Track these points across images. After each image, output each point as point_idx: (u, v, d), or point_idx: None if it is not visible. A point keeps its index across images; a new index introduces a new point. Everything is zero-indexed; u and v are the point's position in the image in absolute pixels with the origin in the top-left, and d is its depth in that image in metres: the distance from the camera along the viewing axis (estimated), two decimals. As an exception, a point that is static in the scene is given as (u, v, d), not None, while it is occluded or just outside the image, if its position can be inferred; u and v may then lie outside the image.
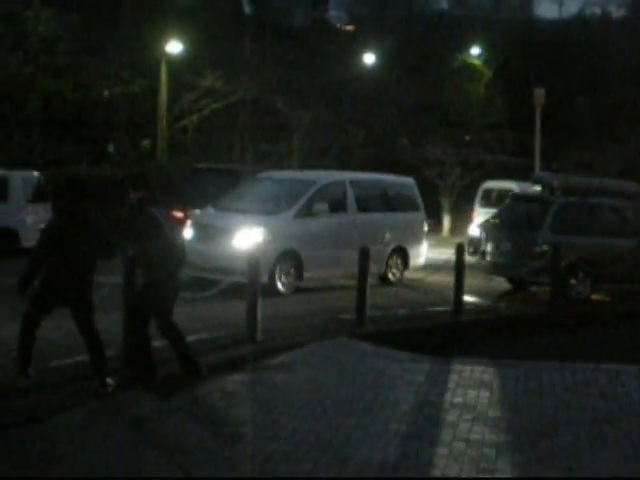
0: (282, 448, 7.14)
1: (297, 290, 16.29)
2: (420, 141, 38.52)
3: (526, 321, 15.44)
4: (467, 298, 15.69)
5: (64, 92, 31.70)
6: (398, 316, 14.53)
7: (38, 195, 21.29)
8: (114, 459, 6.83)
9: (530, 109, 34.39)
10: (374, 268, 16.71)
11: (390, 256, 18.23)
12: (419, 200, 19.53)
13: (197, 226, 16.64)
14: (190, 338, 11.16)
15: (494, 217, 19.54)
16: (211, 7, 45.05)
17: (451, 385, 9.62)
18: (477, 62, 42.80)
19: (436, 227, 31.90)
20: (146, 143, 36.44)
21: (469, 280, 15.84)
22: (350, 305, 13.80)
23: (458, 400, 8.99)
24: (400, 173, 22.18)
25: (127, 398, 8.57)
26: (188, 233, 16.16)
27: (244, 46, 38.50)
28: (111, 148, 36.23)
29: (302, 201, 16.59)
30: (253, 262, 11.47)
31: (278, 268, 15.66)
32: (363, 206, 17.94)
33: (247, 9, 70.64)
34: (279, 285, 15.72)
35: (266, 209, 16.57)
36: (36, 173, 22.62)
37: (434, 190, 35.69)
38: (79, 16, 32.53)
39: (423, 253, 19.42)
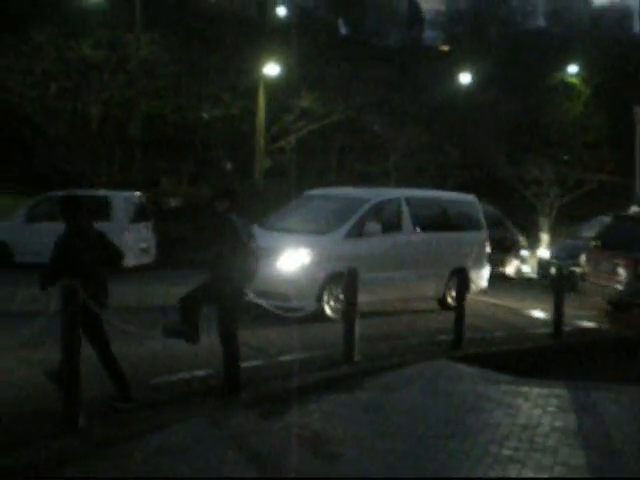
0: (381, 469, 7.12)
1: (390, 311, 15.98)
2: (518, 160, 38.16)
3: (629, 344, 15.05)
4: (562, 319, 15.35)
5: (164, 114, 32.46)
6: (496, 338, 14.33)
7: (139, 215, 21.73)
8: (215, 477, 6.92)
9: (630, 127, 33.72)
10: (432, 291, 16.37)
11: (450, 278, 16.92)
12: (481, 218, 18.38)
13: None
14: (287, 358, 11.27)
15: (595, 238, 19.09)
16: (307, 29, 45.55)
17: (551, 409, 9.46)
18: (575, 80, 42.22)
19: (534, 246, 31.46)
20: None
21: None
22: (445, 326, 13.70)
23: (559, 424, 8.83)
24: (497, 193, 21.93)
25: (228, 416, 8.67)
26: None
27: (340, 67, 38.72)
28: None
29: (353, 220, 15.37)
30: (350, 282, 11.48)
31: (327, 292, 14.58)
32: (420, 225, 16.66)
33: (343, 30, 71.35)
34: (328, 310, 14.60)
35: (314, 229, 15.43)
36: (137, 193, 23.07)
37: (532, 209, 35.26)
38: (179, 40, 33.28)
39: (485, 275, 18.36)
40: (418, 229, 16.53)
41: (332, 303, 14.65)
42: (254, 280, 9.55)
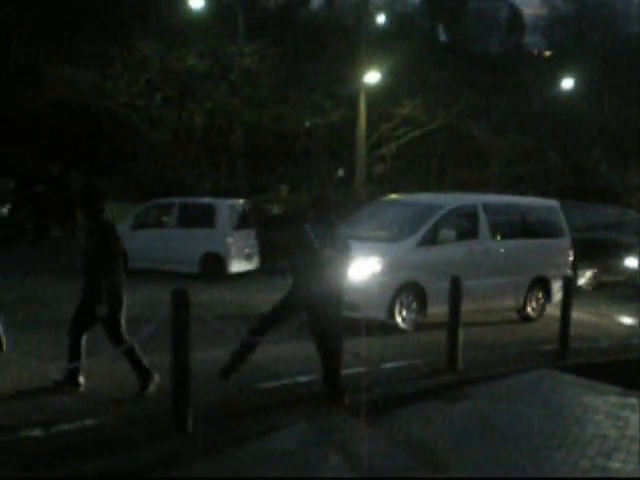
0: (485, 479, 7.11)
1: (494, 320, 15.81)
2: (622, 166, 37.40)
3: None
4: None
5: (266, 122, 32.91)
6: (601, 348, 14.09)
7: (243, 222, 22.04)
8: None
9: None
10: (511, 301, 15.65)
11: (530, 288, 16.27)
12: (564, 225, 17.46)
13: None
14: (389, 365, 11.32)
15: None
16: (407, 37, 45.53)
17: (661, 421, 9.27)
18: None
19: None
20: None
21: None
22: (547, 335, 13.54)
23: (669, 437, 8.65)
24: (601, 200, 21.45)
25: (332, 422, 8.76)
26: None
27: (441, 74, 38.59)
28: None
29: (426, 227, 14.73)
30: (454, 289, 11.46)
31: (398, 301, 13.99)
32: (498, 232, 15.94)
33: (442, 37, 71.06)
34: (399, 320, 14.03)
35: (386, 236, 14.89)
36: (241, 201, 23.39)
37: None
38: (280, 49, 33.68)
39: None
40: (496, 236, 15.89)
41: (404, 313, 14.16)
42: (334, 290, 9.37)
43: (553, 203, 17.85)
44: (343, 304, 12.09)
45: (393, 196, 17.94)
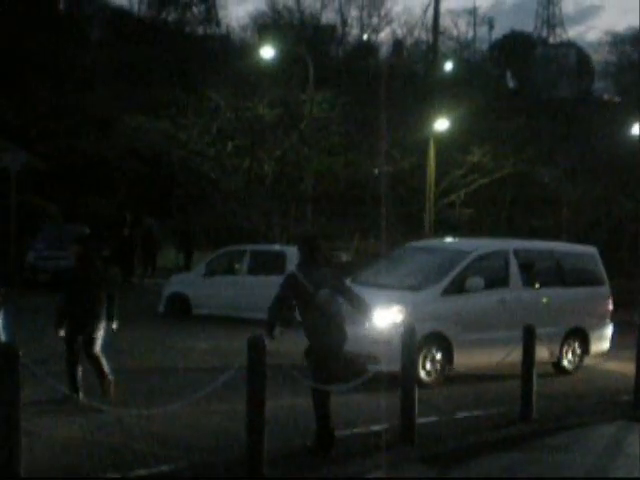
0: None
1: (567, 369, 15.51)
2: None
3: None
4: None
5: (336, 170, 33.17)
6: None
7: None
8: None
9: None
10: (546, 353, 14.25)
11: (566, 339, 15.37)
12: (602, 273, 16.56)
13: None
14: (463, 414, 11.27)
15: None
16: (475, 83, 45.64)
17: None
18: None
19: None
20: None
21: None
22: (621, 385, 13.35)
23: None
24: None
25: (404, 470, 8.74)
26: None
27: (509, 120, 38.51)
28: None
29: (453, 274, 14.00)
30: (527, 337, 11.38)
31: (422, 353, 13.06)
32: (530, 280, 15.13)
33: (511, 83, 70.99)
34: (422, 373, 13.14)
35: (410, 284, 14.18)
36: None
37: None
38: (350, 97, 34.01)
39: (607, 335, 16.41)
40: (529, 284, 15.09)
41: (428, 367, 13.32)
42: (332, 336, 9.16)
43: (591, 250, 16.96)
44: (362, 357, 11.99)
45: (421, 242, 17.31)
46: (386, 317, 13.01)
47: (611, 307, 16.59)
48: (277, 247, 23.22)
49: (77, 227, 30.51)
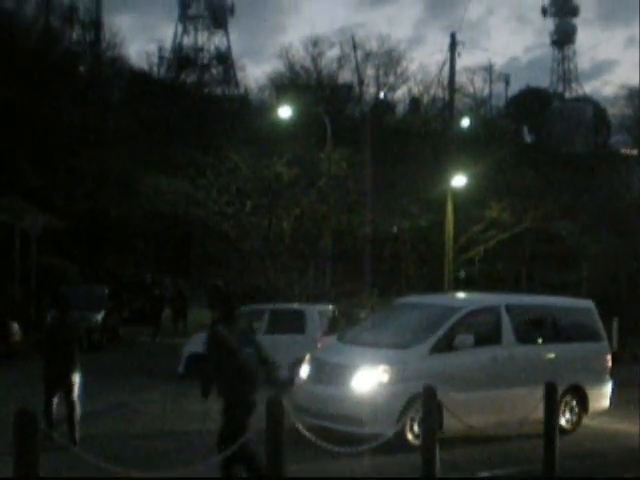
0: None
1: (590, 425, 15.20)
2: None
3: None
4: None
5: (354, 227, 33.25)
6: None
7: (333, 327, 22.09)
8: None
9: None
10: (540, 412, 13.24)
11: (563, 397, 14.38)
12: (600, 328, 16.03)
13: (314, 362, 13.92)
14: (484, 474, 11.13)
15: None
16: (493, 139, 45.83)
17: None
18: None
19: None
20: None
21: None
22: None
23: None
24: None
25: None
26: (304, 371, 13.90)
27: (527, 175, 38.61)
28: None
29: (441, 332, 13.48)
30: (549, 397, 11.26)
31: (408, 415, 12.37)
32: (524, 337, 14.56)
33: (527, 138, 71.31)
34: (410, 436, 12.48)
35: (396, 342, 13.68)
36: (330, 306, 23.50)
37: None
38: (367, 155, 34.19)
39: (607, 393, 15.70)
40: (522, 341, 14.49)
41: (415, 428, 12.51)
42: (251, 393, 9.21)
43: (588, 304, 16.42)
44: (342, 418, 12.07)
45: (410, 298, 16.65)
46: (371, 377, 12.69)
47: (610, 363, 15.94)
48: (296, 306, 23.18)
49: (97, 288, 30.70)
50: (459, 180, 31.60)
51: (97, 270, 36.67)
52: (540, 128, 70.28)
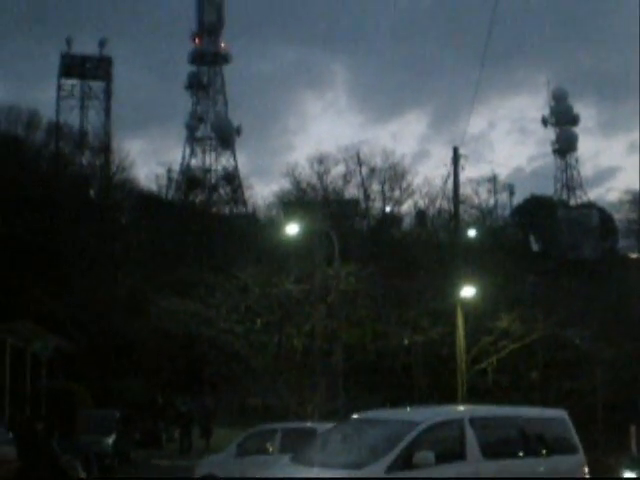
0: None
1: None
2: None
3: None
4: None
5: (365, 341, 33.19)
6: None
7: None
8: None
9: None
10: None
11: None
12: (575, 439, 14.88)
13: None
14: None
15: None
16: (500, 248, 46.11)
17: None
18: None
19: None
20: None
21: None
22: None
23: None
24: None
25: None
26: None
27: (536, 283, 38.73)
28: None
29: (399, 449, 12.32)
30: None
31: None
32: (491, 452, 13.33)
33: (534, 247, 71.63)
34: None
35: (351, 461, 12.61)
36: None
37: None
38: (375, 269, 34.39)
39: None
40: (489, 456, 13.24)
41: None
42: None
43: (561, 414, 15.32)
44: None
45: (368, 413, 15.41)
46: None
47: (587, 477, 14.87)
48: (309, 424, 22.98)
49: (107, 411, 30.54)
50: (468, 291, 31.69)
51: (108, 392, 36.49)
52: (547, 236, 70.70)
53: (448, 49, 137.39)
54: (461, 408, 15.79)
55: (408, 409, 15.81)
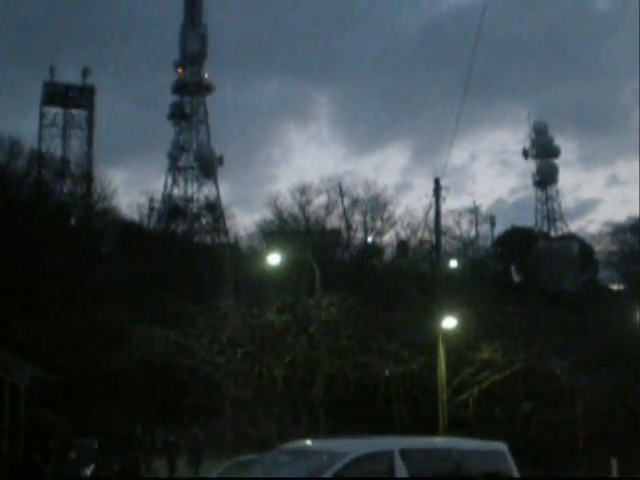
0: None
1: None
2: None
3: None
4: None
5: (346, 372, 33.09)
6: None
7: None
8: None
9: None
10: None
11: None
12: (514, 472, 13.98)
13: None
14: None
15: None
16: (481, 280, 46.21)
17: None
18: None
19: None
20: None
21: None
22: None
23: None
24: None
25: None
26: None
27: (517, 315, 38.80)
28: None
29: None
30: None
31: None
32: None
33: (515, 278, 71.83)
34: None
35: None
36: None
37: None
38: (358, 299, 34.35)
39: None
40: None
41: None
42: None
43: (500, 447, 14.32)
44: None
45: (294, 443, 14.51)
46: None
47: None
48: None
49: (86, 441, 30.25)
50: (449, 322, 31.70)
51: (87, 422, 36.16)
52: (527, 267, 70.93)
53: (430, 82, 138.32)
54: (392, 440, 14.19)
55: (335, 439, 14.61)
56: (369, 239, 61.95)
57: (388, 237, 62.34)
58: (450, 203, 59.71)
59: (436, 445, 14.33)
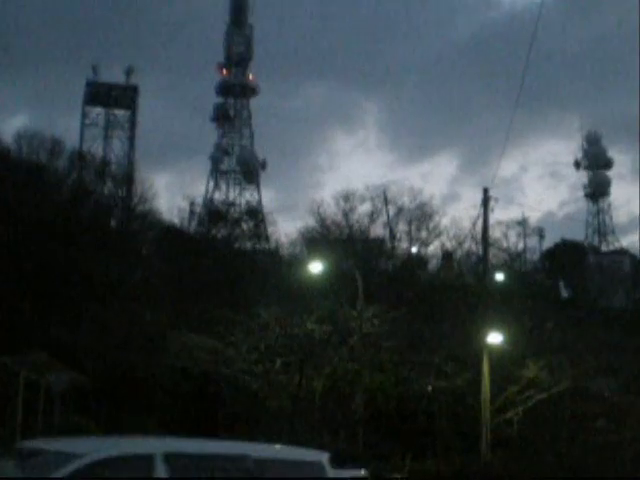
0: None
1: None
2: None
3: None
4: None
5: (387, 387, 32.19)
6: None
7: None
8: None
9: None
10: None
11: None
12: None
13: None
14: None
15: None
16: (528, 294, 45.04)
17: None
18: None
19: None
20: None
21: None
22: None
23: None
24: None
25: None
26: None
27: (565, 332, 37.66)
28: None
29: None
30: None
31: None
32: None
33: (564, 293, 70.33)
34: None
35: None
36: (362, 471, 22.35)
37: None
38: (401, 311, 33.44)
39: None
40: None
41: None
42: None
43: (317, 456, 12.07)
44: None
45: (35, 441, 12.15)
46: None
47: None
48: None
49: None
50: (495, 337, 30.68)
51: (120, 429, 35.60)
52: (576, 282, 69.48)
53: (481, 91, 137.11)
54: (152, 440, 11.52)
55: (77, 438, 12.77)
56: (413, 249, 61.01)
57: (433, 248, 61.37)
58: (498, 215, 58.63)
59: (224, 449, 11.44)
